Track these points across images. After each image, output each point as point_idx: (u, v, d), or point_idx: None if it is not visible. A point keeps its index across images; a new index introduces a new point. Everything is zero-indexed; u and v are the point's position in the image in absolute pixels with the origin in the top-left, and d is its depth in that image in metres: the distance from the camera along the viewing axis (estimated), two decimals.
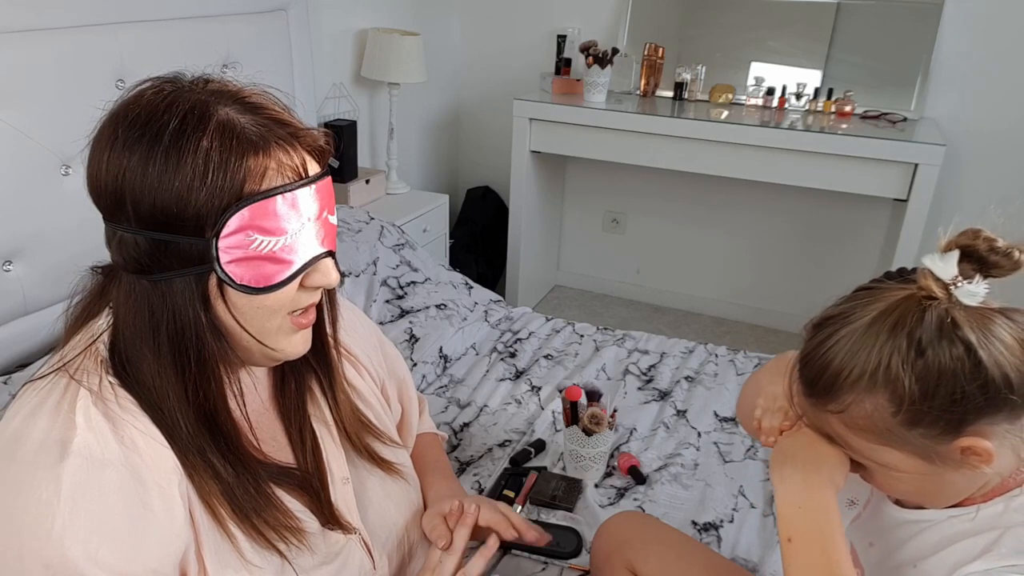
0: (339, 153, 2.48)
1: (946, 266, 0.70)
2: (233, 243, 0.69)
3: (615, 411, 1.53)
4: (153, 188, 0.67)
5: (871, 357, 0.70)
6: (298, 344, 0.80)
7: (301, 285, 0.76)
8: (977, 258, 0.70)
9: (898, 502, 0.85)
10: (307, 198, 0.73)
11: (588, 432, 1.44)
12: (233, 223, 0.69)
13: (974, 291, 0.69)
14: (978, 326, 0.68)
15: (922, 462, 0.73)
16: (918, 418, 0.70)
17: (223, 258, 0.70)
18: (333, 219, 0.78)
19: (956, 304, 0.69)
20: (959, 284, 0.69)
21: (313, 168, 0.75)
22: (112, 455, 0.68)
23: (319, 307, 0.82)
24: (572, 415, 1.49)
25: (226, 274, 0.70)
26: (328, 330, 0.88)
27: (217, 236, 0.69)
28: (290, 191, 0.71)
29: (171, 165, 0.67)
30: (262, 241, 0.70)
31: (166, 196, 0.67)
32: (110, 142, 0.69)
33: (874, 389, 0.70)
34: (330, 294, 0.86)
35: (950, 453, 0.71)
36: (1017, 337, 0.69)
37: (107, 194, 0.70)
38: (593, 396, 1.51)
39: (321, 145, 0.76)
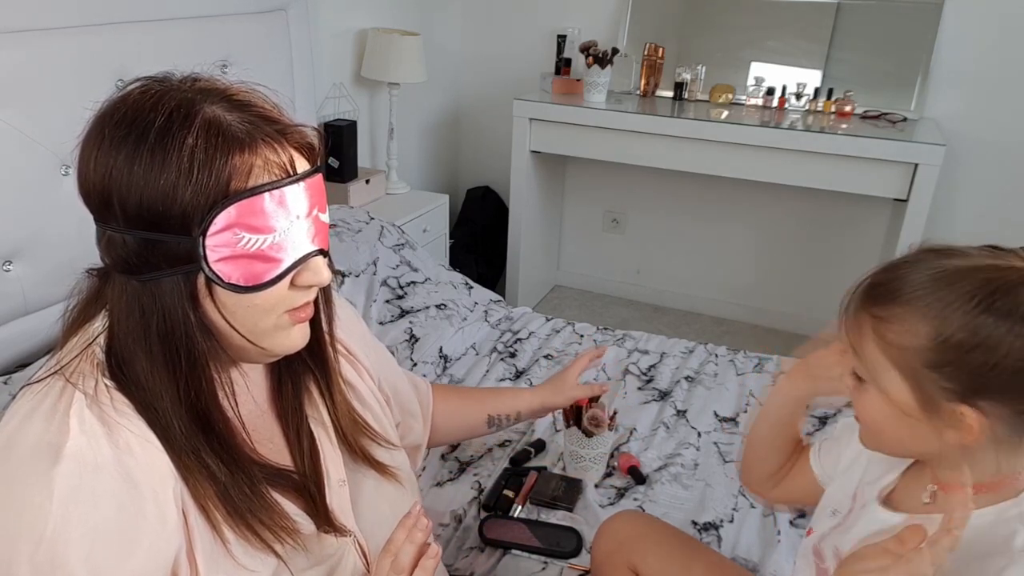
0: (329, 149, 2.48)
1: None
2: (220, 241, 0.69)
3: (615, 412, 1.53)
4: (139, 187, 0.67)
5: (944, 290, 0.70)
6: (296, 339, 0.79)
7: (293, 284, 0.75)
8: None
9: (884, 503, 0.85)
10: (296, 195, 0.72)
11: (588, 434, 1.44)
12: (220, 221, 0.68)
13: None
14: None
15: (916, 405, 0.73)
16: (941, 363, 0.70)
17: (210, 256, 0.69)
18: (325, 217, 0.78)
19: None
20: None
21: (302, 165, 0.74)
22: (106, 459, 0.68)
23: (315, 305, 0.82)
24: (575, 416, 1.48)
25: (214, 272, 0.70)
26: (324, 328, 0.88)
27: (204, 234, 0.68)
28: (277, 188, 0.70)
29: (156, 163, 0.67)
30: (250, 239, 0.70)
31: (152, 194, 0.67)
32: (97, 142, 0.69)
33: (924, 315, 0.70)
34: (326, 293, 0.86)
35: (945, 412, 0.71)
36: None
37: (95, 194, 0.70)
38: (594, 397, 1.50)
39: (310, 142, 0.76)
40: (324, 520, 0.83)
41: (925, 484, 0.80)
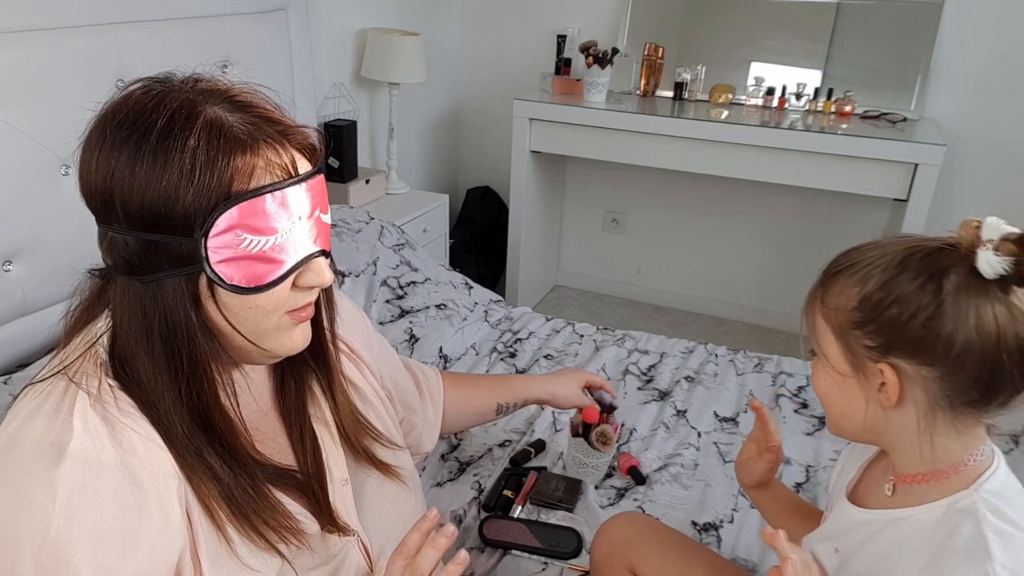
0: (331, 150, 2.48)
1: (996, 229, 0.70)
2: (222, 243, 0.69)
3: (621, 424, 1.52)
4: (141, 188, 0.67)
5: (873, 259, 0.75)
6: (297, 340, 0.79)
7: (295, 285, 0.75)
8: None
9: (851, 499, 0.87)
10: (298, 197, 0.72)
11: (595, 448, 1.43)
12: (222, 222, 0.68)
13: (991, 261, 0.69)
14: (968, 289, 0.70)
15: (848, 366, 0.77)
16: (864, 322, 0.75)
17: (212, 258, 0.69)
18: (326, 218, 0.78)
19: (969, 264, 0.70)
20: (987, 247, 0.70)
21: (304, 166, 0.74)
22: (109, 459, 0.68)
23: (317, 305, 0.82)
24: (583, 430, 1.46)
25: (216, 274, 0.70)
26: (326, 328, 0.88)
27: (206, 236, 0.68)
28: (279, 190, 0.70)
29: (158, 164, 0.67)
30: (252, 240, 0.70)
31: (154, 196, 0.67)
32: (99, 143, 0.69)
33: (854, 279, 0.76)
34: (327, 293, 0.86)
35: (872, 373, 0.75)
36: (1001, 326, 0.70)
37: (97, 195, 0.70)
38: (608, 410, 1.47)
39: (312, 143, 0.76)
40: (327, 519, 0.83)
41: (887, 478, 0.83)
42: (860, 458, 0.91)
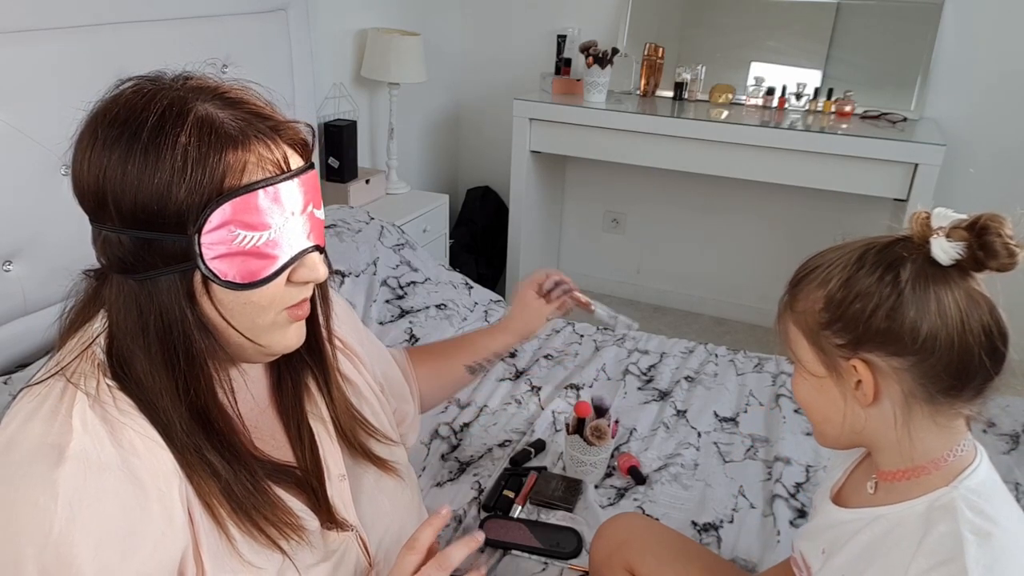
0: (331, 150, 2.48)
1: (945, 218, 0.72)
2: (216, 239, 0.69)
3: (616, 421, 1.52)
4: (133, 186, 0.67)
5: (832, 260, 0.77)
6: (292, 338, 0.79)
7: (289, 280, 0.75)
8: (983, 240, 0.70)
9: (835, 501, 0.88)
10: (290, 192, 0.72)
11: (590, 443, 1.44)
12: (215, 219, 0.68)
13: (945, 247, 0.71)
14: (926, 277, 0.71)
15: (823, 368, 0.78)
16: (831, 321, 0.76)
17: (206, 254, 0.69)
18: (320, 213, 0.78)
19: (924, 253, 0.72)
20: (939, 235, 0.71)
21: (296, 162, 0.74)
22: (110, 459, 0.67)
23: (312, 302, 0.82)
24: (577, 426, 1.47)
25: (210, 270, 0.70)
26: (322, 323, 0.88)
27: (199, 232, 0.68)
28: (271, 185, 0.70)
29: (150, 162, 0.67)
30: (245, 236, 0.70)
31: (146, 194, 0.67)
32: (91, 142, 0.69)
33: (818, 284, 0.78)
34: (323, 289, 0.86)
35: (846, 371, 0.76)
36: (963, 310, 0.71)
37: (90, 194, 0.70)
38: (600, 412, 1.49)
39: (304, 138, 0.76)
40: (326, 515, 0.83)
41: (871, 477, 0.84)
42: (847, 460, 0.92)
